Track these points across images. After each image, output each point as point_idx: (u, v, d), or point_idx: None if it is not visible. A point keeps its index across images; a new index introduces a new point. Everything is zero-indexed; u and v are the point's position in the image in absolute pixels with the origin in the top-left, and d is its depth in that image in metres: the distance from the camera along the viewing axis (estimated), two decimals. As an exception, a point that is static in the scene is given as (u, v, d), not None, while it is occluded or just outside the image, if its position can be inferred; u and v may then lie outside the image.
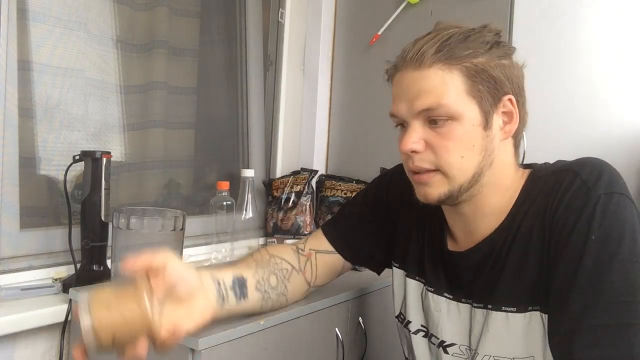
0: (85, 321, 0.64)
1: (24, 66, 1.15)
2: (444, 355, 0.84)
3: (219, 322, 0.83)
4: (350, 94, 1.79)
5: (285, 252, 0.97)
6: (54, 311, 1.02)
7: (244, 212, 1.48)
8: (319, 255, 0.98)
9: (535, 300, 0.74)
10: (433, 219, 0.89)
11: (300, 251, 0.98)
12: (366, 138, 1.74)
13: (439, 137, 0.75)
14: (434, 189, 0.77)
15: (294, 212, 1.62)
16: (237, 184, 1.52)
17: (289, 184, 1.66)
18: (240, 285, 0.86)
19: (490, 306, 0.78)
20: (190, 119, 1.59)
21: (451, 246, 0.86)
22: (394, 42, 1.65)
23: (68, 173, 1.12)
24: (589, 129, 1.34)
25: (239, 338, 0.89)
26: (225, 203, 1.42)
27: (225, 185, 1.42)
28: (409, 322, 0.91)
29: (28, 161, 1.17)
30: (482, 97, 0.74)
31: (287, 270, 0.95)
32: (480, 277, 0.80)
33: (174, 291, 0.72)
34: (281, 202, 1.63)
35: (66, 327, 1.04)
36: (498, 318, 0.77)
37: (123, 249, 1.00)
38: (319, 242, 0.99)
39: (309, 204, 1.64)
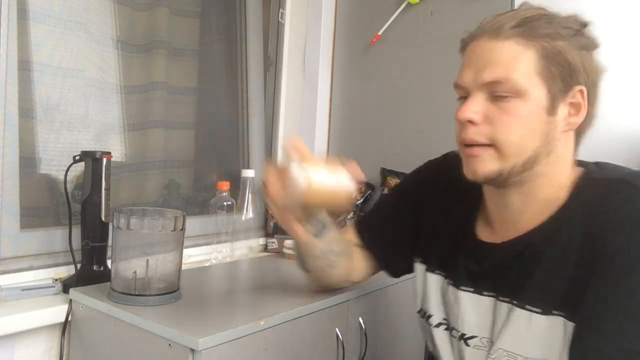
0: (302, 177, 0.77)
1: (24, 66, 1.15)
2: (465, 348, 0.84)
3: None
4: (350, 94, 1.79)
5: (349, 234, 1.02)
6: (54, 311, 1.02)
7: (244, 212, 1.48)
8: (355, 248, 1.02)
9: (562, 305, 0.72)
10: (463, 209, 0.87)
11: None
12: (366, 138, 1.74)
13: (500, 111, 0.72)
14: (484, 165, 0.74)
15: (294, 212, 1.62)
16: (237, 184, 1.52)
17: (289, 184, 1.66)
18: (323, 227, 0.93)
19: (515, 302, 0.76)
20: (190, 119, 1.59)
21: (484, 236, 0.83)
22: (394, 42, 1.65)
23: (68, 173, 1.12)
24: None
25: (239, 338, 0.89)
26: (225, 203, 1.42)
27: (225, 185, 1.42)
28: (430, 316, 0.91)
29: (28, 161, 1.17)
30: (552, 80, 0.71)
31: (346, 249, 0.99)
32: (511, 271, 0.78)
33: None
34: (281, 202, 1.63)
35: (66, 327, 1.04)
36: (521, 315, 0.75)
37: (123, 249, 1.00)
38: (352, 236, 1.02)
39: (309, 204, 1.64)
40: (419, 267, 0.95)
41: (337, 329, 1.12)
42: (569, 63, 0.71)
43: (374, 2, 1.72)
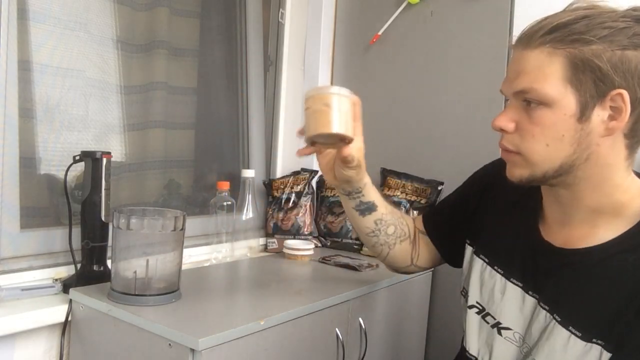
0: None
1: (24, 66, 1.15)
2: (497, 337, 0.84)
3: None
4: (350, 94, 1.79)
5: (411, 221, 1.07)
6: (54, 311, 1.02)
7: (244, 212, 1.48)
8: (421, 235, 1.06)
9: (603, 334, 0.71)
10: (529, 205, 0.87)
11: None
12: (366, 138, 1.73)
13: (529, 120, 0.74)
14: (515, 169, 0.78)
15: (294, 212, 1.62)
16: (237, 184, 1.52)
17: (289, 184, 1.66)
18: (368, 209, 1.00)
19: (557, 317, 0.76)
20: (190, 119, 1.59)
21: (547, 236, 0.83)
22: (394, 42, 1.65)
23: (68, 173, 1.12)
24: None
25: (239, 338, 0.89)
26: (225, 203, 1.42)
27: (225, 185, 1.42)
28: (467, 297, 0.92)
29: (28, 161, 1.17)
30: (582, 87, 0.70)
31: (405, 234, 1.04)
32: (561, 281, 0.77)
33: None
34: (281, 202, 1.63)
35: (66, 327, 1.04)
36: (561, 335, 0.74)
37: (123, 249, 1.00)
38: (419, 223, 1.07)
39: (309, 204, 1.64)
40: (468, 249, 0.97)
41: (337, 329, 1.12)
42: (600, 68, 0.69)
43: (374, 2, 1.72)
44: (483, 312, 0.88)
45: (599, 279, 0.74)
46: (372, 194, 1.00)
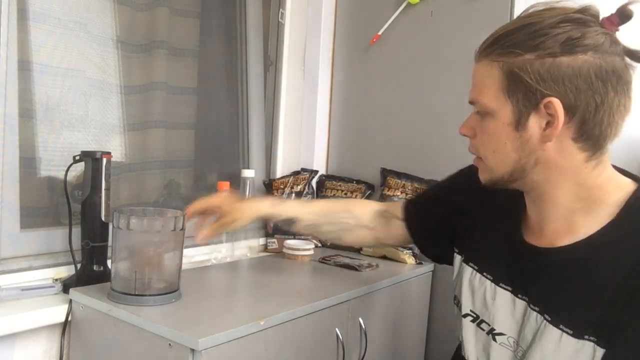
0: None
1: (24, 66, 1.15)
2: (493, 343, 0.84)
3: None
4: (350, 94, 1.79)
5: (364, 209, 1.15)
6: (54, 311, 1.02)
7: (244, 212, 1.48)
8: (395, 219, 1.10)
9: (595, 330, 0.71)
10: (512, 209, 0.88)
11: (380, 211, 1.14)
12: (366, 138, 1.74)
13: (480, 129, 0.79)
14: (481, 173, 0.83)
15: (294, 212, 1.62)
16: (237, 184, 1.52)
17: (289, 184, 1.66)
18: (290, 223, 1.12)
19: (548, 317, 0.75)
20: (190, 119, 1.59)
21: (530, 239, 0.83)
22: (394, 42, 1.65)
23: (68, 173, 1.12)
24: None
25: (239, 338, 0.89)
26: (225, 203, 1.41)
27: (225, 185, 1.42)
28: (460, 306, 0.92)
29: (28, 161, 1.17)
30: (515, 97, 0.73)
31: (350, 225, 1.13)
32: (549, 280, 0.77)
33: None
34: (281, 202, 1.63)
35: (66, 327, 1.04)
36: (552, 334, 0.74)
37: (123, 249, 1.00)
38: (396, 207, 1.11)
39: (309, 204, 1.64)
40: (457, 258, 0.97)
41: (337, 329, 1.12)
42: (525, 79, 0.71)
43: (374, 2, 1.72)
44: (477, 320, 0.88)
45: (584, 275, 0.73)
46: (285, 212, 1.11)
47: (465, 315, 0.90)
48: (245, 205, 1.12)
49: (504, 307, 0.84)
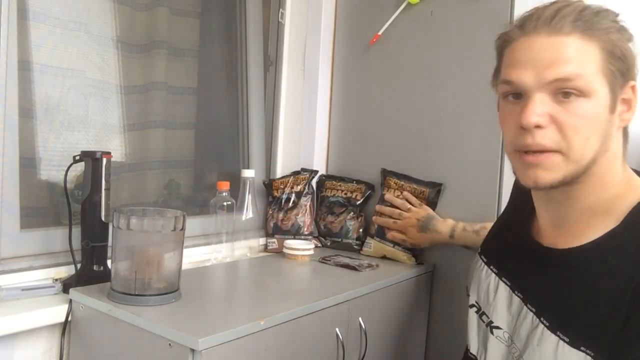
0: None
1: (24, 66, 1.15)
2: (490, 336, 0.85)
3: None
4: (350, 94, 1.79)
5: None
6: (54, 311, 1.02)
7: (244, 212, 1.48)
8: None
9: (591, 342, 0.68)
10: (522, 207, 0.87)
11: None
12: (366, 138, 1.74)
13: (567, 113, 0.67)
14: (548, 172, 0.69)
15: (294, 212, 1.62)
16: (237, 184, 1.52)
17: (289, 184, 1.66)
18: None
19: (545, 321, 0.74)
20: (190, 119, 1.59)
21: (538, 237, 0.82)
22: (394, 42, 1.65)
23: (68, 173, 1.12)
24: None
25: (239, 338, 0.89)
26: (225, 203, 1.42)
27: (225, 185, 1.42)
28: (468, 295, 0.93)
29: (28, 161, 1.17)
30: (613, 76, 0.68)
31: None
32: (546, 281, 0.76)
33: None
34: (281, 202, 1.63)
35: (66, 327, 1.04)
36: (550, 340, 0.73)
37: (123, 249, 1.00)
38: None
39: (309, 204, 1.64)
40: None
41: (337, 329, 1.12)
42: (626, 58, 0.67)
43: (374, 2, 1.72)
44: (480, 312, 0.89)
45: (580, 282, 0.72)
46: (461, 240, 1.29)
47: (471, 306, 0.91)
48: None
49: (502, 301, 0.84)
